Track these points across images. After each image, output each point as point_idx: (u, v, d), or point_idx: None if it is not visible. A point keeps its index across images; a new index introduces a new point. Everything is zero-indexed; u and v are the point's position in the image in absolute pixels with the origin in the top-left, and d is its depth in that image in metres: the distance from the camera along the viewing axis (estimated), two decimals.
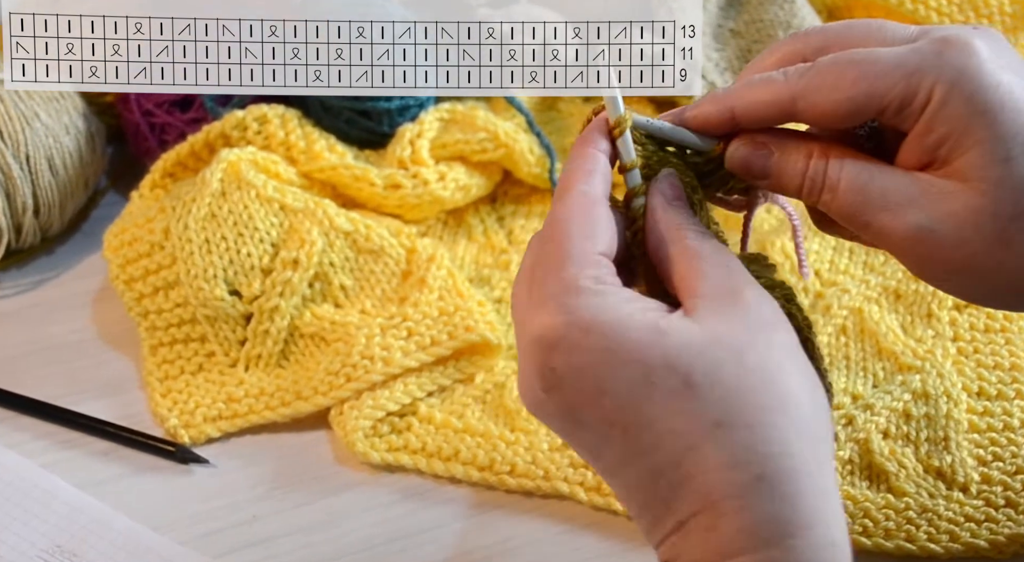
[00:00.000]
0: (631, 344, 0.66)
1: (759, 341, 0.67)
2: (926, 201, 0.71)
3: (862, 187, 0.73)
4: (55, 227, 1.15)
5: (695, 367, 0.65)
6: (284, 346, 1.04)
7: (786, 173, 0.76)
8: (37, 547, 0.91)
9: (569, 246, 0.69)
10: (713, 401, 0.65)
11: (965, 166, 0.70)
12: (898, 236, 0.72)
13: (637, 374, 0.65)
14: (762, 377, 0.66)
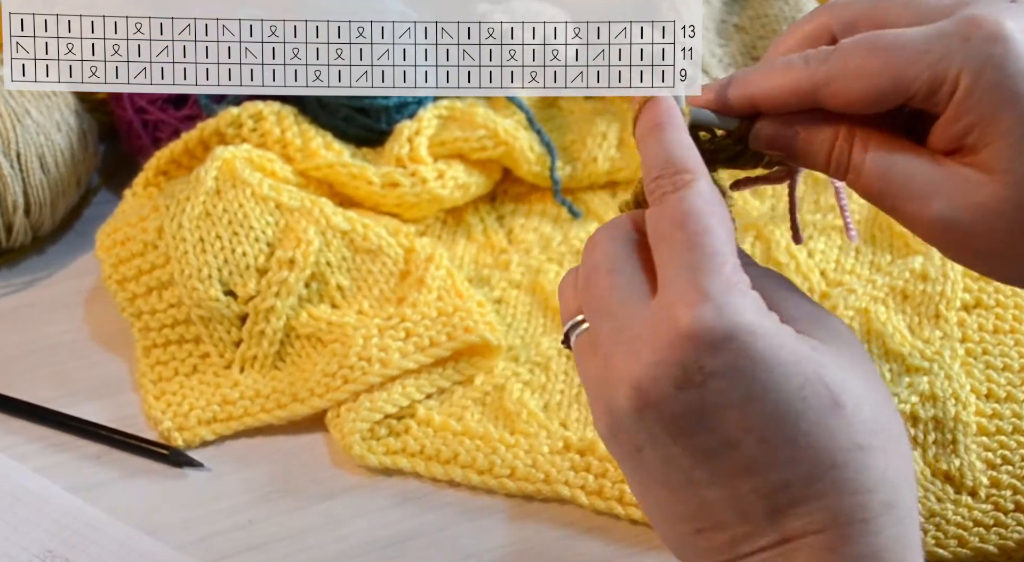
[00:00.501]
0: (791, 355, 0.65)
1: (871, 366, 0.68)
2: (951, 191, 0.70)
3: (886, 173, 0.72)
4: (46, 226, 1.15)
5: (844, 387, 0.65)
6: (280, 347, 1.04)
7: (812, 153, 0.75)
8: (29, 552, 0.90)
9: (718, 246, 0.67)
10: (857, 423, 0.65)
11: (991, 157, 0.69)
12: (923, 224, 0.72)
13: (795, 386, 0.65)
14: (888, 404, 0.68)
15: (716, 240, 0.67)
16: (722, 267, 0.66)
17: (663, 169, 0.70)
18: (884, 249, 1.09)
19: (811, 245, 1.10)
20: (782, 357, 0.65)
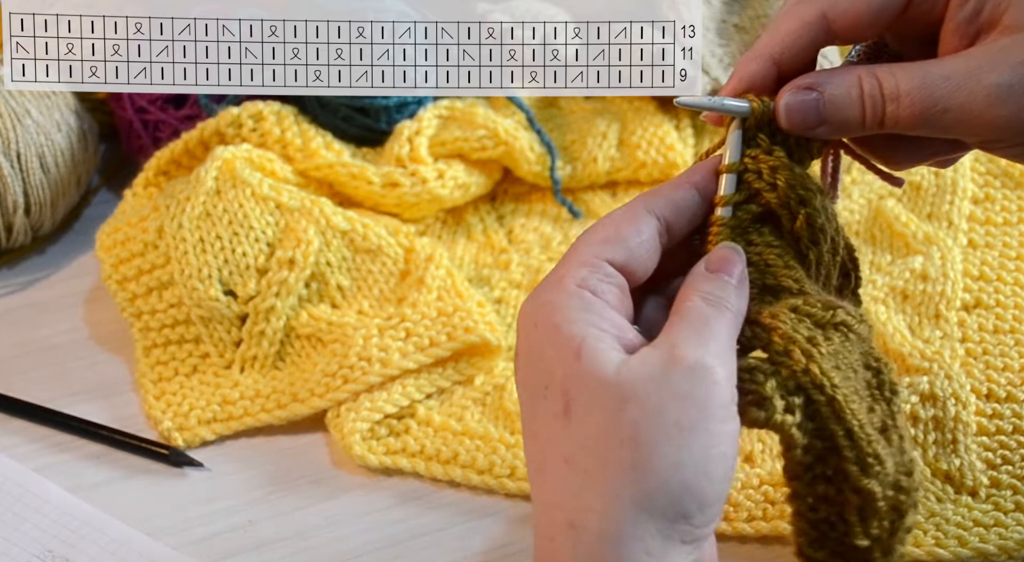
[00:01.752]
0: (549, 354, 0.68)
1: (653, 403, 0.66)
2: (993, 63, 0.70)
3: (923, 81, 0.72)
4: (46, 226, 1.14)
5: (578, 398, 0.66)
6: (280, 347, 1.04)
7: (843, 106, 0.74)
8: (28, 552, 0.90)
9: (579, 247, 0.71)
10: (574, 437, 0.66)
11: (1015, 15, 0.70)
12: (979, 107, 0.71)
13: (541, 383, 0.68)
14: (630, 436, 0.65)
15: (581, 242, 0.73)
16: (562, 265, 0.72)
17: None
18: (884, 249, 1.09)
19: None
20: (544, 351, 0.69)
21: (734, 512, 0.91)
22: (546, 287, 0.70)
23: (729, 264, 0.72)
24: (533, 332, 0.69)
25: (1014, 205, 1.12)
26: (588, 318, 0.68)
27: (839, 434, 0.69)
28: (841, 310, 0.73)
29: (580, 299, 0.69)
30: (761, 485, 0.92)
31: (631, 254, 0.71)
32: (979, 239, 1.10)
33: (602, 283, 0.70)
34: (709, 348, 0.67)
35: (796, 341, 0.70)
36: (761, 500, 0.91)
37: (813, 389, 0.69)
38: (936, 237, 1.09)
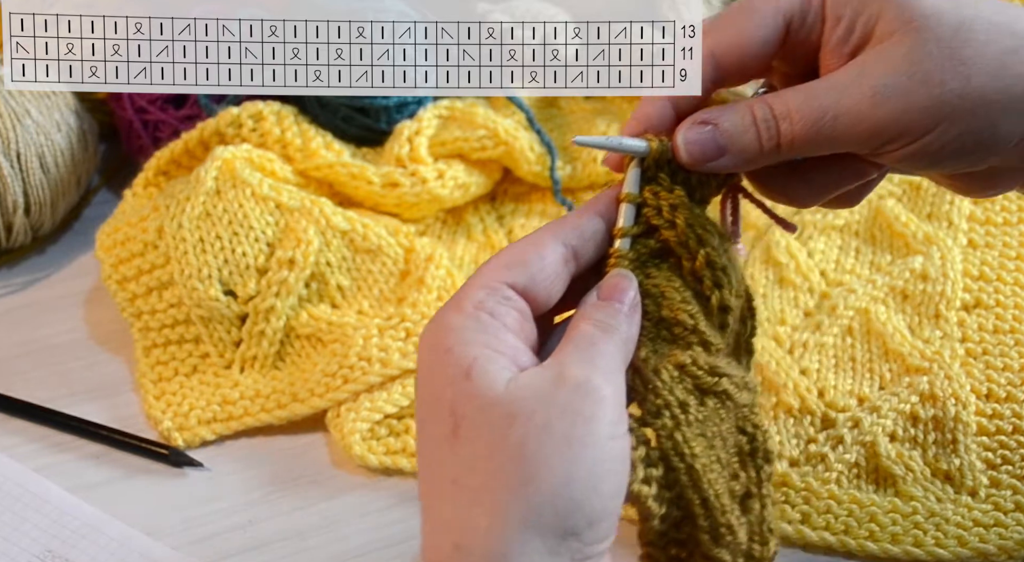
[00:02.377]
0: (440, 375, 0.68)
1: (541, 419, 0.65)
2: (874, 67, 0.72)
3: (810, 94, 0.74)
4: (46, 226, 1.14)
5: (466, 418, 0.66)
6: (280, 347, 1.04)
7: (738, 133, 0.75)
8: (28, 552, 0.90)
9: (482, 269, 0.72)
10: (461, 457, 0.66)
11: (886, 25, 0.72)
12: (866, 108, 0.72)
13: (431, 404, 0.68)
14: (518, 452, 0.65)
15: (484, 267, 0.72)
16: (470, 288, 0.71)
17: None
18: (884, 249, 1.09)
19: (811, 245, 1.10)
20: (435, 371, 0.69)
21: None
22: (444, 310, 0.70)
23: (620, 291, 0.73)
24: (428, 355, 0.69)
25: (1014, 205, 1.12)
26: (482, 339, 0.68)
27: (695, 503, 0.70)
28: (725, 379, 0.73)
29: (476, 320, 0.69)
30: None
31: (533, 279, 0.71)
32: (979, 239, 1.10)
33: (500, 306, 0.70)
34: (596, 366, 0.68)
35: (669, 405, 0.71)
36: None
37: (674, 456, 0.70)
38: (936, 237, 1.09)
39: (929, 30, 0.71)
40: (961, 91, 0.71)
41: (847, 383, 0.99)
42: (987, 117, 0.72)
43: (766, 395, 0.98)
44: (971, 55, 0.71)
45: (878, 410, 0.96)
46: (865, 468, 0.94)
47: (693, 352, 0.73)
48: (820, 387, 0.99)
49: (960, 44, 0.71)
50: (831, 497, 0.91)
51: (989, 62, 0.71)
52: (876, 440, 0.94)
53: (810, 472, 0.93)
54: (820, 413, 0.96)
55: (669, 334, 0.74)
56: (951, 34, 0.71)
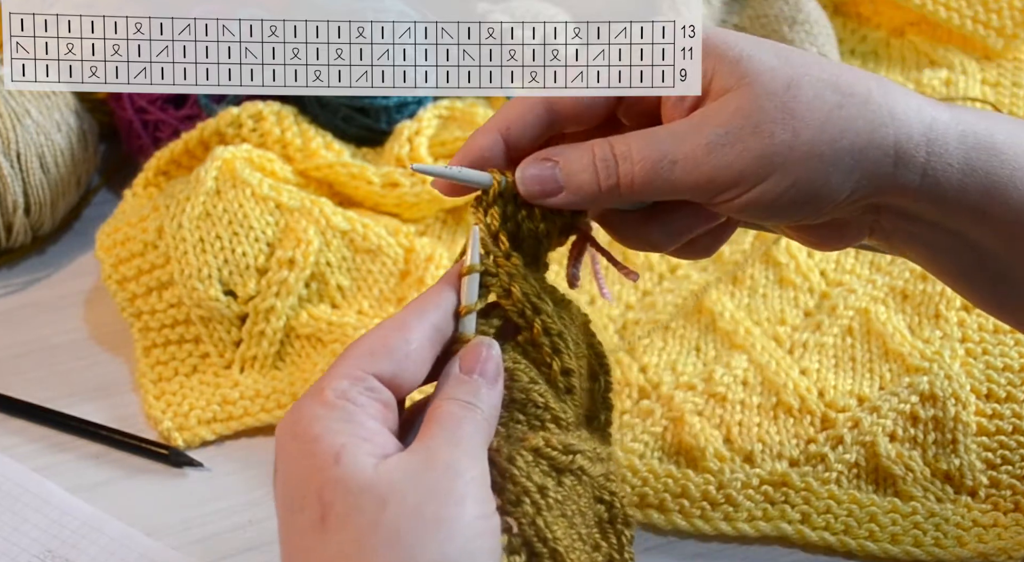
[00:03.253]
0: (306, 465, 0.67)
1: (414, 501, 0.65)
2: (711, 119, 0.73)
3: (651, 139, 0.75)
4: (46, 226, 1.14)
5: (336, 504, 0.65)
6: (280, 347, 1.04)
7: (577, 173, 0.76)
8: (28, 552, 0.90)
9: (344, 357, 0.71)
10: (332, 546, 0.65)
11: (721, 80, 0.74)
12: (701, 155, 0.73)
13: (296, 495, 0.67)
14: (393, 536, 0.65)
15: (345, 355, 0.72)
16: (324, 378, 0.70)
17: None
18: None
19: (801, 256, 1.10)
20: (300, 462, 0.68)
21: (734, 512, 0.91)
22: (305, 400, 0.69)
23: (481, 361, 0.73)
24: (291, 444, 0.68)
25: None
26: (348, 428, 0.68)
27: None
28: (580, 456, 0.74)
29: (341, 410, 0.68)
30: (761, 485, 0.92)
31: (399, 366, 0.71)
32: None
33: (362, 396, 0.69)
34: (463, 448, 0.69)
35: (528, 491, 0.71)
36: (761, 500, 0.91)
37: (537, 542, 0.70)
38: None
39: (761, 85, 0.73)
40: (791, 143, 0.73)
41: (847, 383, 0.99)
42: (817, 169, 0.74)
43: (766, 395, 0.98)
44: (800, 109, 0.73)
45: (878, 410, 0.96)
46: (865, 468, 0.94)
47: (546, 432, 0.74)
48: (820, 387, 0.99)
49: (790, 99, 0.73)
50: (831, 497, 0.91)
51: (816, 116, 0.73)
52: (876, 440, 0.94)
53: (810, 472, 0.93)
54: (820, 413, 0.96)
55: (522, 415, 0.74)
56: (782, 89, 0.73)
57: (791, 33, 1.20)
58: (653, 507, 0.91)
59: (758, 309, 1.05)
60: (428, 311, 0.73)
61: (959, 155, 0.75)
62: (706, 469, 0.93)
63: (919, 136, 0.74)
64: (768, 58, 0.74)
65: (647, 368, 1.01)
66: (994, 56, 1.25)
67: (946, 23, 1.26)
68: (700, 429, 0.95)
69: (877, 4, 1.30)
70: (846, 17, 1.33)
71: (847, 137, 0.73)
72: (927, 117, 0.75)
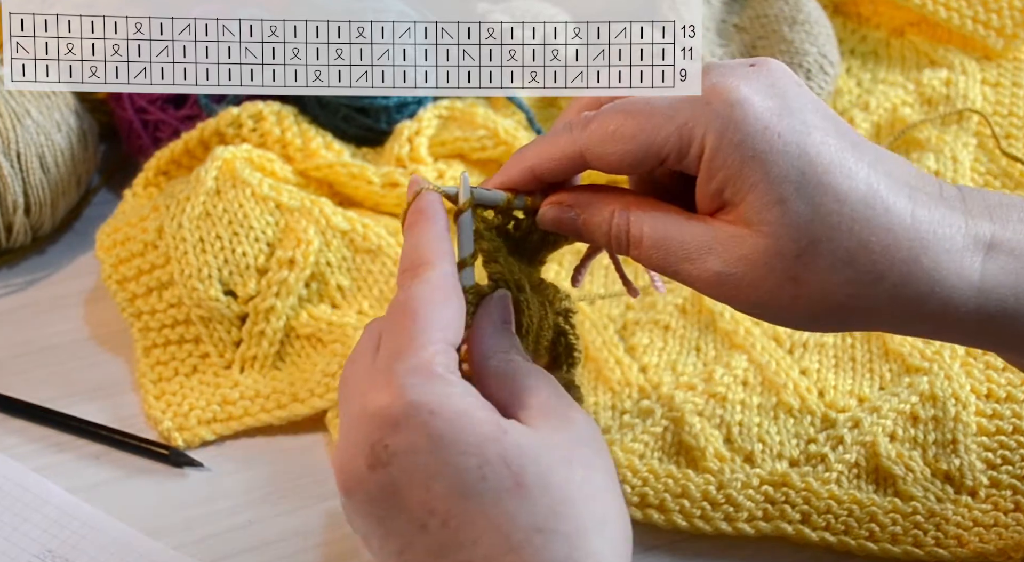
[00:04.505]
0: (473, 436, 0.67)
1: (586, 457, 0.69)
2: (720, 249, 0.74)
3: (662, 241, 0.76)
4: (46, 226, 1.14)
5: (528, 469, 0.67)
6: (280, 347, 1.04)
7: (593, 232, 0.79)
8: (28, 552, 0.90)
9: (426, 329, 0.71)
10: (540, 506, 0.66)
11: (747, 211, 0.73)
12: (701, 282, 0.76)
13: (473, 465, 0.66)
14: (587, 491, 0.68)
15: (424, 324, 0.70)
16: (420, 350, 0.69)
17: (406, 263, 0.75)
18: None
19: None
20: (462, 436, 0.67)
21: (734, 512, 0.91)
22: (413, 377, 0.69)
23: (509, 313, 0.77)
24: (434, 419, 0.67)
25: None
26: (478, 401, 0.69)
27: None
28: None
29: (456, 384, 0.69)
30: (761, 485, 0.92)
31: (458, 334, 0.73)
32: None
33: (455, 365, 0.71)
34: (567, 402, 0.73)
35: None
36: (761, 500, 0.91)
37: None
38: None
39: (776, 242, 0.73)
40: (787, 305, 0.75)
41: (847, 383, 0.99)
42: (813, 321, 0.77)
43: (766, 395, 0.98)
44: (805, 279, 0.73)
45: (878, 410, 0.96)
46: (865, 468, 0.94)
47: None
48: (820, 387, 0.99)
49: (800, 266, 0.73)
50: (831, 497, 0.91)
51: (819, 289, 0.74)
52: (876, 440, 0.94)
53: (810, 472, 0.93)
54: (820, 413, 0.96)
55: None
56: (795, 254, 0.73)
57: (791, 33, 1.20)
58: (653, 507, 0.91)
59: None
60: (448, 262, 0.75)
61: (972, 318, 0.76)
62: (706, 469, 0.93)
63: (929, 311, 0.75)
64: (800, 211, 0.72)
65: (647, 368, 1.01)
66: (994, 56, 1.25)
67: (946, 23, 1.26)
68: (700, 429, 0.95)
69: (877, 4, 1.30)
70: (846, 17, 1.32)
71: (843, 311, 0.75)
72: (945, 295, 0.75)
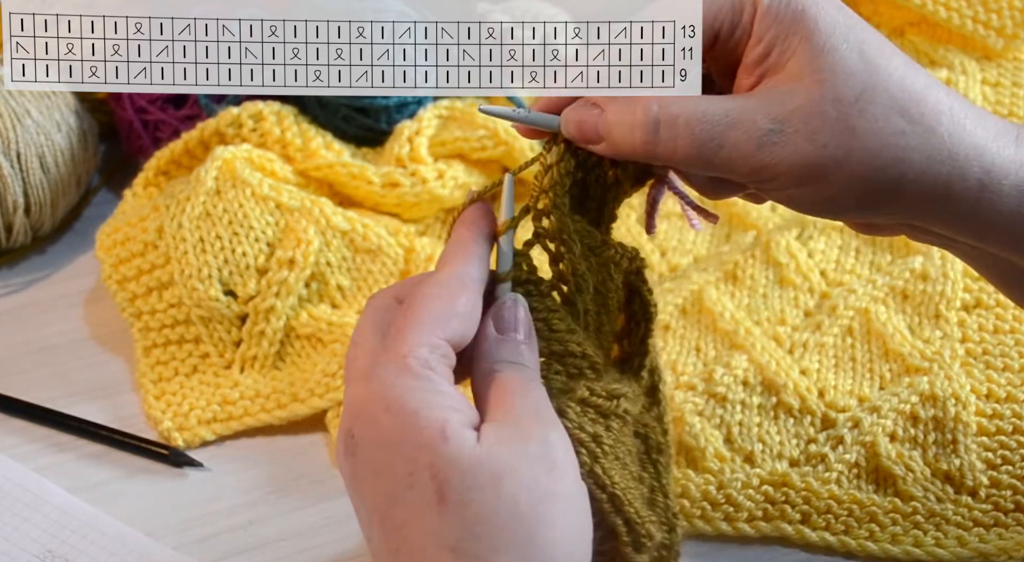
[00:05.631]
0: (414, 438, 0.66)
1: (528, 476, 0.66)
2: (769, 106, 0.72)
3: (705, 114, 0.73)
4: (47, 226, 1.14)
5: (452, 484, 0.64)
6: (280, 347, 1.04)
7: (618, 126, 0.74)
8: (28, 552, 0.90)
9: (417, 322, 0.69)
10: (457, 525, 0.64)
11: (797, 64, 0.72)
12: (750, 148, 0.72)
13: (404, 471, 0.65)
14: (514, 512, 0.65)
15: (417, 320, 0.69)
16: (402, 344, 0.68)
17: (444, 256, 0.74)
18: (884, 249, 1.09)
19: (811, 245, 1.09)
20: (405, 437, 0.66)
21: (734, 512, 0.91)
22: (389, 370, 0.68)
23: (516, 320, 0.73)
24: (385, 416, 0.66)
25: None
26: (441, 401, 0.67)
27: (618, 524, 0.71)
28: (623, 399, 0.75)
29: (428, 381, 0.67)
30: (761, 485, 0.92)
31: (464, 328, 0.71)
32: None
33: (440, 363, 0.69)
34: (543, 416, 0.69)
35: (583, 442, 0.71)
36: (761, 500, 0.91)
37: (596, 489, 0.70)
38: None
39: (832, 89, 0.72)
40: (842, 160, 0.72)
41: (847, 383, 0.99)
42: (859, 190, 0.74)
43: (766, 395, 0.98)
44: (861, 128, 0.72)
45: (878, 410, 0.96)
46: (865, 468, 0.94)
47: (587, 381, 0.74)
48: (820, 387, 0.99)
49: (856, 113, 0.72)
50: (831, 497, 0.91)
51: (875, 140, 0.72)
52: (876, 440, 0.94)
53: (810, 472, 0.93)
54: (820, 413, 0.96)
55: (560, 365, 0.74)
56: (851, 100, 0.72)
57: None
58: None
59: (758, 309, 1.05)
60: (474, 266, 0.73)
61: (1012, 201, 0.74)
62: (706, 469, 0.93)
63: (974, 179, 0.73)
64: (851, 58, 0.72)
65: None
66: (994, 56, 1.25)
67: (946, 23, 1.26)
68: (700, 429, 0.95)
69: (877, 4, 1.29)
70: None
71: (898, 167, 0.73)
72: (987, 161, 0.74)
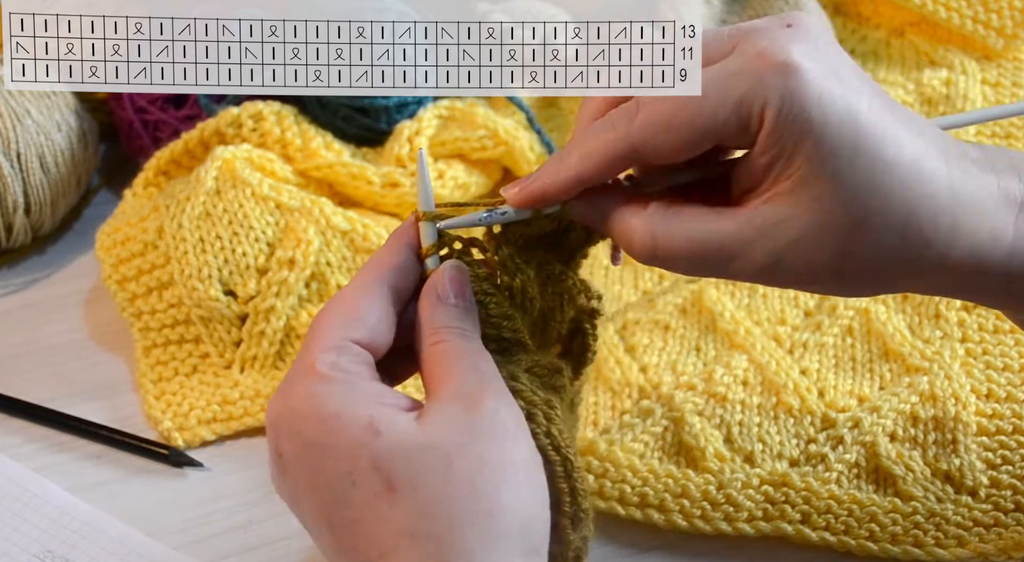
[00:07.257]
0: (342, 441, 0.66)
1: (478, 449, 0.66)
2: (765, 239, 0.72)
3: (701, 246, 0.73)
4: (46, 226, 1.14)
5: (398, 471, 0.65)
6: (280, 347, 1.04)
7: (619, 239, 0.76)
8: (28, 552, 0.90)
9: (319, 332, 0.70)
10: (410, 509, 0.65)
11: (797, 186, 0.71)
12: (746, 276, 0.74)
13: (343, 472, 0.66)
14: (468, 488, 0.65)
15: (319, 329, 0.70)
16: (307, 354, 0.69)
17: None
18: None
19: None
20: (333, 441, 0.66)
21: (734, 512, 0.91)
22: (298, 380, 0.69)
23: (448, 283, 0.74)
24: (306, 426, 0.67)
25: None
26: (359, 397, 0.67)
27: (564, 491, 0.71)
28: (560, 374, 0.77)
29: (340, 382, 0.68)
30: (761, 485, 0.92)
31: (372, 330, 0.71)
32: None
33: (353, 363, 0.69)
34: (492, 385, 0.70)
35: (536, 404, 0.72)
36: (761, 500, 0.91)
37: (551, 450, 0.71)
38: None
39: (831, 217, 0.71)
40: (839, 274, 0.73)
41: (847, 383, 0.99)
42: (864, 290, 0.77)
43: (766, 395, 0.98)
44: (858, 253, 0.72)
45: (878, 410, 0.96)
46: (865, 468, 0.93)
47: (527, 355, 0.75)
48: (820, 387, 0.99)
49: (854, 240, 0.72)
50: (831, 497, 0.91)
51: (870, 263, 0.73)
52: (876, 440, 0.94)
53: (810, 472, 0.93)
54: (820, 413, 0.96)
55: (497, 346, 0.75)
56: (848, 228, 0.71)
57: None
58: (653, 507, 0.91)
59: (758, 309, 1.05)
60: (385, 274, 0.74)
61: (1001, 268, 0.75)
62: (706, 469, 0.93)
63: (967, 269, 0.74)
64: (854, 183, 0.70)
65: (647, 368, 1.01)
66: (994, 56, 1.25)
67: (946, 23, 1.26)
68: (700, 429, 0.95)
69: (877, 4, 1.30)
70: (846, 17, 1.32)
71: (895, 282, 0.75)
72: (977, 262, 0.74)
